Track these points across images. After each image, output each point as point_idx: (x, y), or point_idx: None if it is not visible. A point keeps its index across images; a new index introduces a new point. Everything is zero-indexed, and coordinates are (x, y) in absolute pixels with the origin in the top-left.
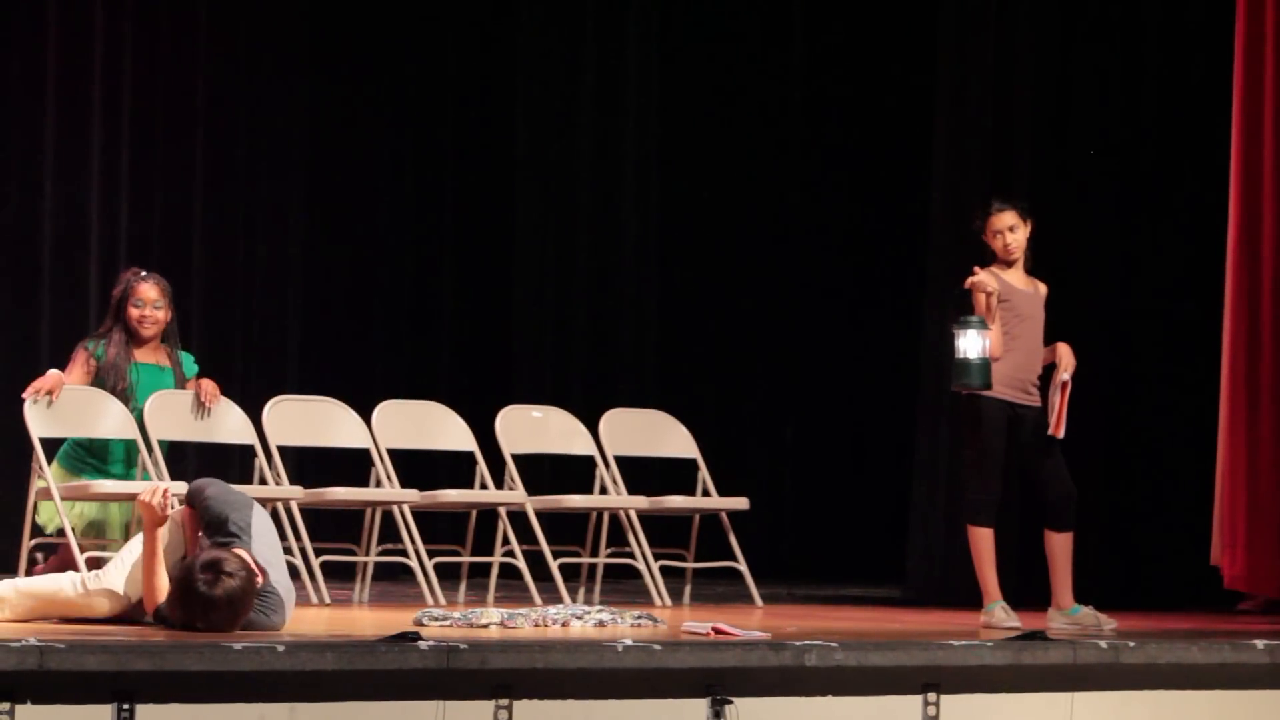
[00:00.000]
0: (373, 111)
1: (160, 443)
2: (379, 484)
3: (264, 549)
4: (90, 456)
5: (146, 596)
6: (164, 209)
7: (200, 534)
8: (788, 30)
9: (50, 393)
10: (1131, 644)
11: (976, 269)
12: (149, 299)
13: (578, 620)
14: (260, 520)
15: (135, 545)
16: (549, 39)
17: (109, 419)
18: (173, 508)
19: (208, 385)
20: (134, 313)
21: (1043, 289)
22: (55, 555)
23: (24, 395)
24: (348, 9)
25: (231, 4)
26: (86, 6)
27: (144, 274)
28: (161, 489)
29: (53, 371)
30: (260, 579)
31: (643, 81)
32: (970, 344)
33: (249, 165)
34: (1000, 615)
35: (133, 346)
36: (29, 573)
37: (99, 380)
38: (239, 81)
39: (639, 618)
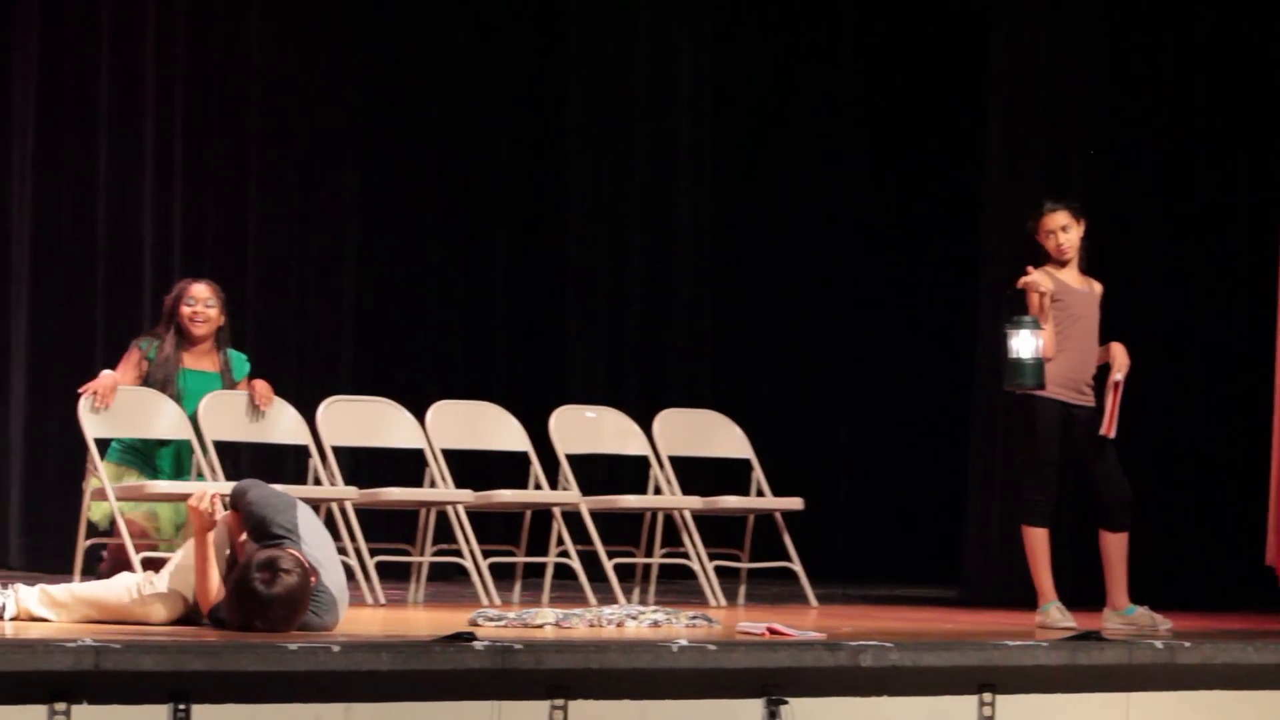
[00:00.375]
0: (425, 111)
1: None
2: (434, 484)
3: (315, 549)
4: (138, 453)
5: (201, 599)
6: (217, 210)
7: (245, 537)
8: (840, 27)
9: (103, 396)
10: (1187, 644)
11: (1030, 268)
12: (200, 296)
13: (632, 620)
14: (307, 520)
15: (187, 550)
16: (601, 35)
17: (163, 419)
18: (220, 512)
19: (261, 387)
20: (185, 310)
21: (1098, 288)
22: (109, 556)
23: (80, 390)
24: (400, 9)
25: (285, 8)
26: (139, 9)
27: (198, 279)
28: (210, 494)
29: (107, 372)
30: (315, 577)
31: (695, 78)
32: (1023, 344)
33: (302, 166)
34: (1055, 615)
35: (183, 350)
36: (94, 570)
37: (148, 381)
38: (292, 82)
39: (694, 618)
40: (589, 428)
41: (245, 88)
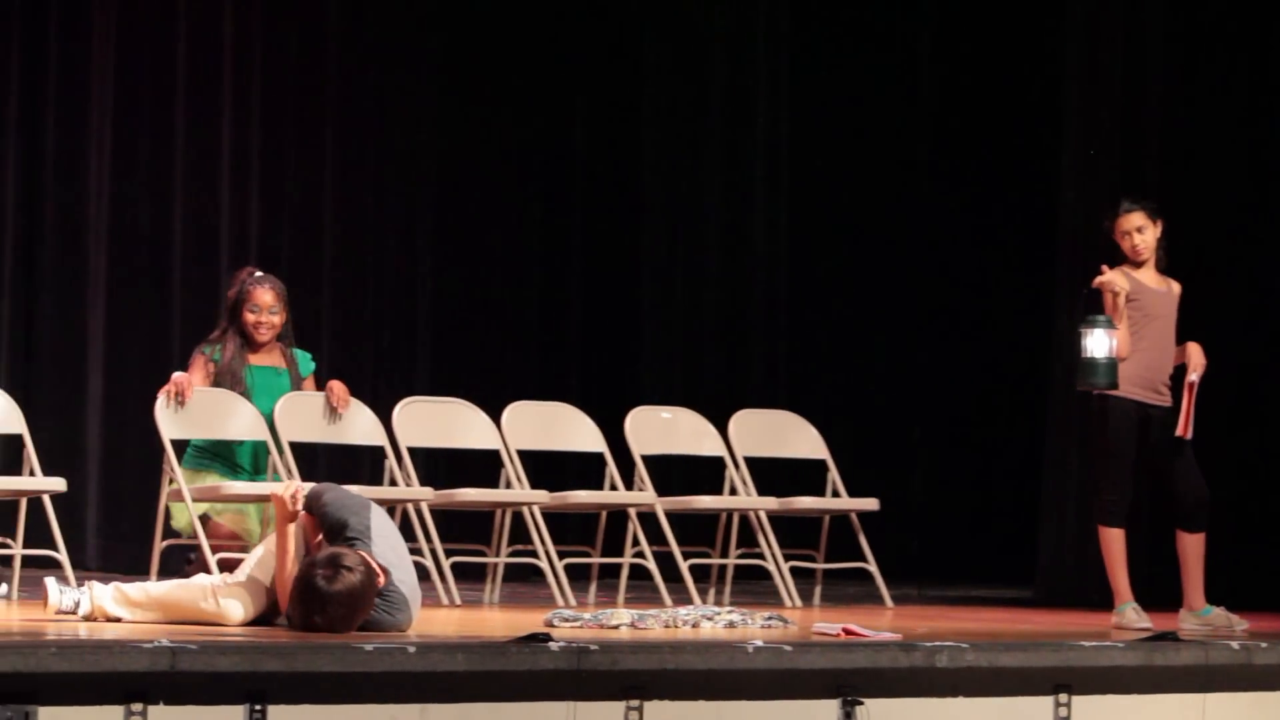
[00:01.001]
0: (501, 114)
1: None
2: (509, 485)
3: (386, 550)
4: (217, 458)
5: (280, 593)
6: (293, 212)
7: (320, 539)
8: (917, 32)
9: (181, 395)
10: (1263, 645)
11: (1105, 267)
12: (265, 304)
13: (708, 621)
14: (380, 521)
15: (263, 549)
16: (677, 45)
17: (239, 420)
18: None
19: (339, 388)
20: (250, 318)
21: (1176, 288)
22: (198, 562)
23: (163, 390)
24: (476, 14)
25: (360, 7)
26: (215, 11)
27: (259, 275)
28: (295, 486)
29: (180, 374)
30: (382, 579)
31: (772, 81)
32: (1096, 343)
33: (378, 167)
34: (1131, 616)
35: (248, 350)
36: (174, 573)
37: (217, 383)
38: (368, 84)
39: (769, 619)
40: (664, 428)
41: (321, 89)
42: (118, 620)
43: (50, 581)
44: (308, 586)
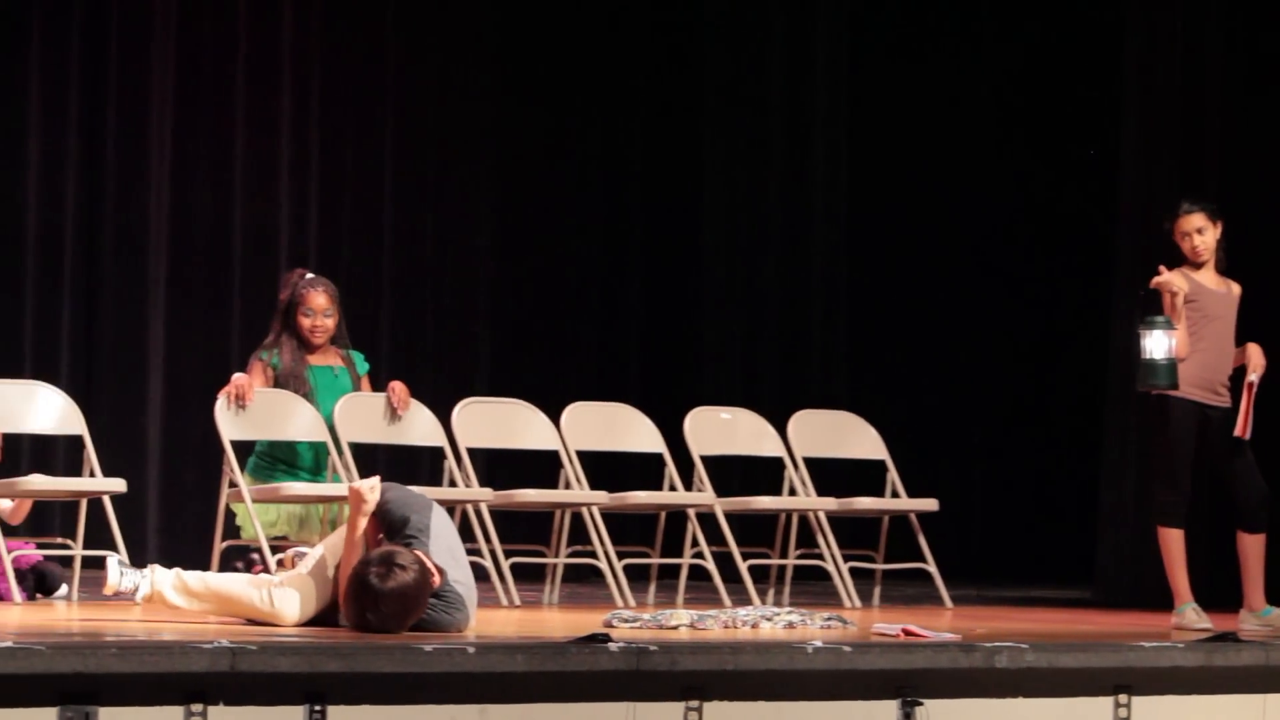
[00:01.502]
0: (560, 115)
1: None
2: (568, 486)
3: (442, 549)
4: (278, 462)
5: (342, 590)
6: (352, 214)
7: (381, 538)
8: (977, 30)
9: (241, 397)
10: None
11: (1162, 268)
12: (319, 308)
13: (767, 622)
14: (439, 520)
15: (318, 552)
16: (737, 43)
17: (299, 421)
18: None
19: (400, 389)
20: (305, 322)
21: (1236, 289)
22: (260, 562)
23: (224, 392)
24: (535, 16)
25: (418, 12)
26: (274, 17)
27: (310, 277)
28: (375, 481)
29: (241, 375)
30: (437, 578)
31: (831, 80)
32: (1155, 344)
33: (437, 170)
34: (1191, 617)
35: (305, 352)
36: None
37: (278, 388)
38: (427, 86)
39: (828, 619)
40: (724, 429)
41: (380, 93)
42: (174, 608)
43: (112, 562)
44: (361, 584)
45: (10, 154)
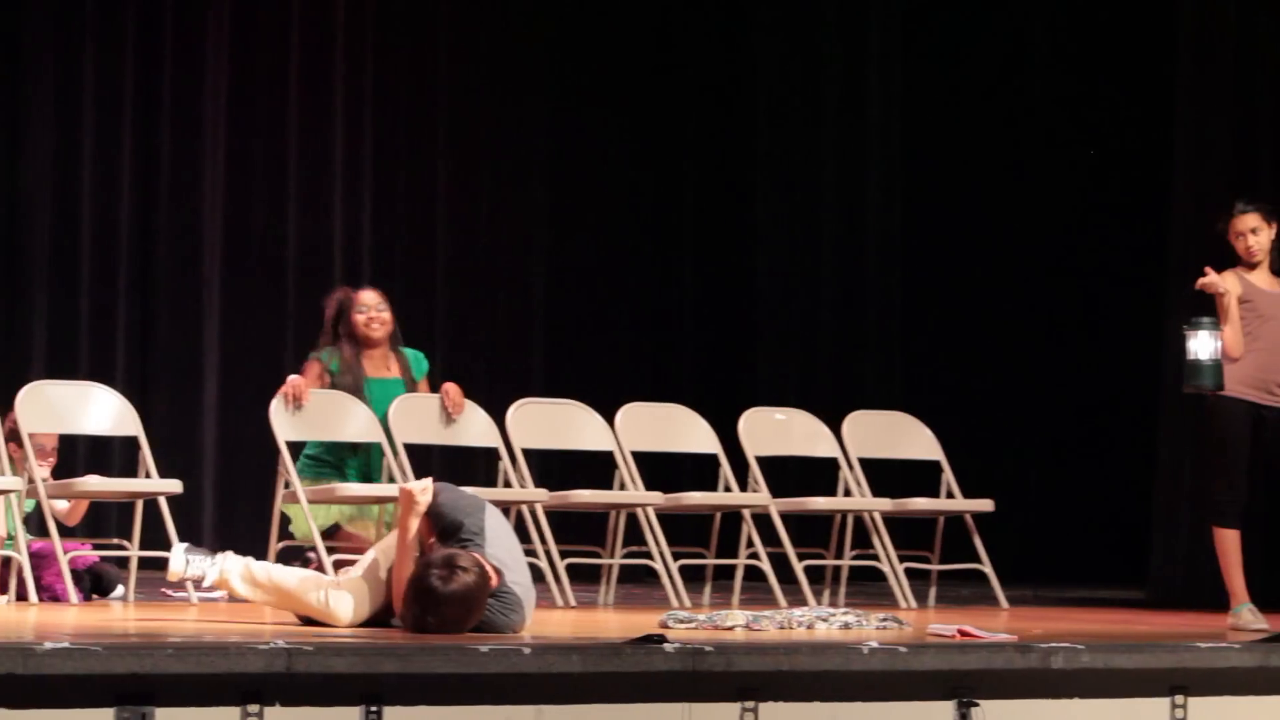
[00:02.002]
0: (613, 117)
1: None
2: (623, 487)
3: (499, 550)
4: (327, 467)
5: (396, 591)
6: (406, 216)
7: (434, 540)
8: (1029, 26)
9: (298, 398)
10: None
11: (1208, 270)
12: (371, 302)
13: (823, 622)
14: (495, 521)
15: (372, 554)
16: (790, 37)
17: (355, 422)
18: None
19: (454, 391)
20: (360, 318)
21: None
22: (315, 564)
23: (283, 391)
24: (586, 16)
25: (472, 18)
26: (328, 23)
27: (355, 288)
28: (427, 481)
29: (296, 377)
30: (495, 580)
31: (885, 77)
32: (1201, 345)
33: (490, 171)
34: (1248, 617)
35: (363, 360)
36: None
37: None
38: (479, 89)
39: (884, 620)
40: (778, 430)
41: (432, 93)
42: (239, 600)
43: (179, 548)
44: (422, 587)
45: (66, 159)
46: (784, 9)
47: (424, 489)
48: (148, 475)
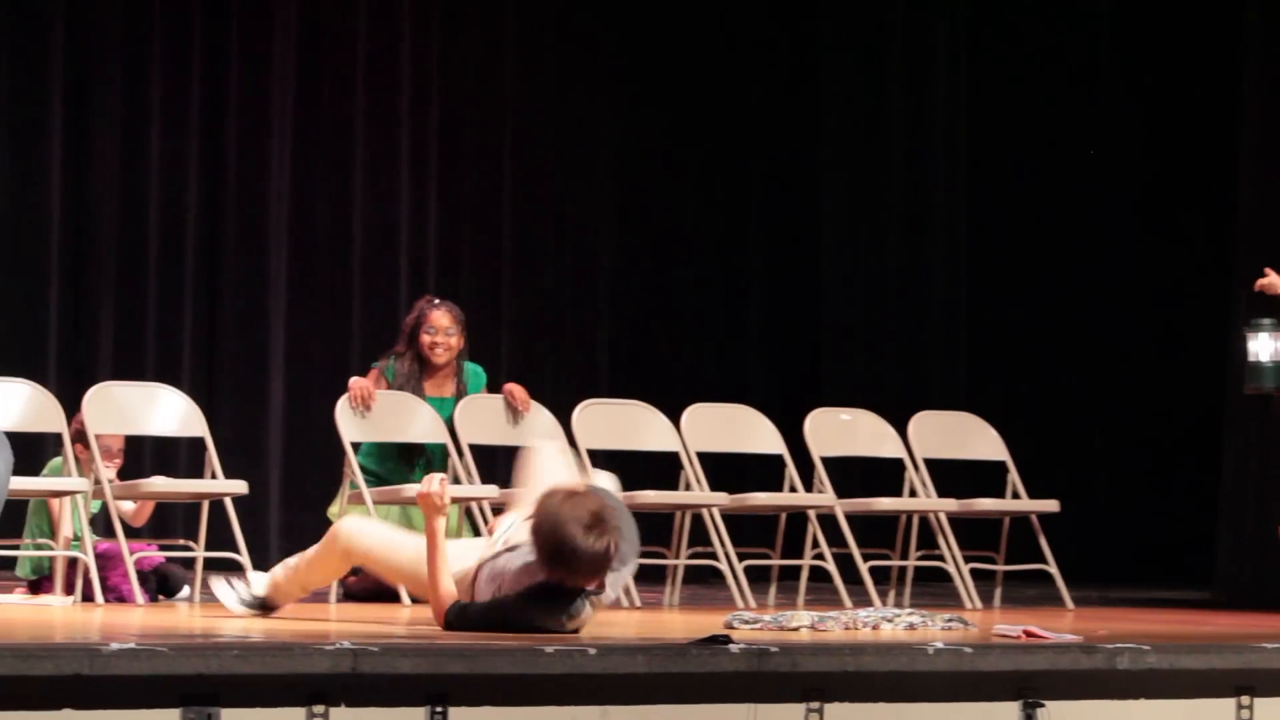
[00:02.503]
0: (679, 118)
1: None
2: (688, 487)
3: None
4: (379, 481)
5: (432, 599)
6: (472, 219)
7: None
8: (1097, 27)
9: (366, 400)
10: None
11: (1268, 270)
12: (441, 326)
13: (888, 623)
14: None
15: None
16: (854, 42)
17: (420, 423)
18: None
19: (519, 392)
20: (425, 339)
21: None
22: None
23: (351, 392)
24: (654, 19)
25: (539, 16)
26: (394, 15)
27: (436, 300)
28: (439, 478)
29: (362, 380)
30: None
31: (951, 80)
32: (1261, 346)
33: (557, 173)
34: None
35: (423, 378)
36: (346, 585)
37: None
38: (546, 91)
39: (949, 620)
40: (844, 430)
41: (499, 96)
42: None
43: (219, 587)
44: (566, 540)
45: (133, 160)
46: (850, 11)
47: (442, 491)
48: (213, 476)
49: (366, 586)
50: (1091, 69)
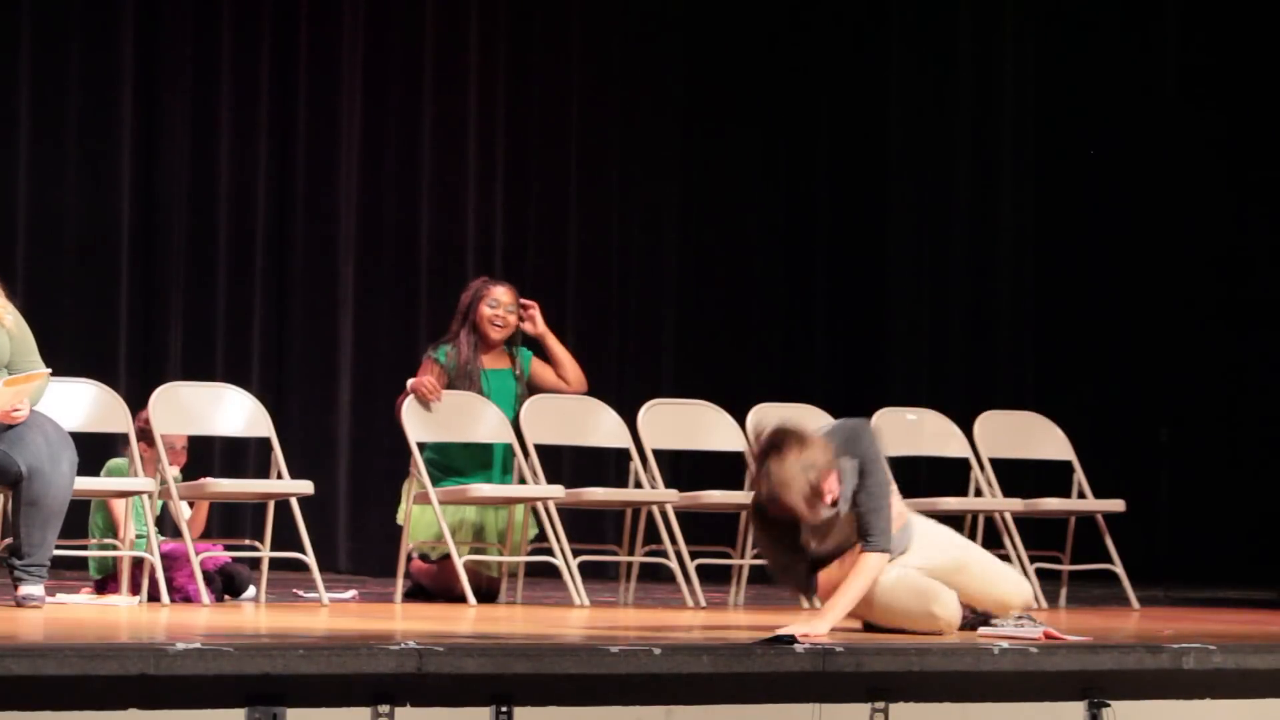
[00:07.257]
0: (745, 116)
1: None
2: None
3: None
4: (446, 474)
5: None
6: (538, 215)
7: None
8: (1161, 29)
9: (434, 391)
10: None
11: None
12: (503, 300)
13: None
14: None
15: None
16: (923, 40)
17: (485, 423)
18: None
19: (533, 309)
20: (486, 312)
21: None
22: (415, 575)
23: (411, 386)
24: (718, 20)
25: (605, 17)
26: (461, 22)
27: (496, 279)
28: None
29: (424, 379)
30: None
31: (1019, 78)
32: None
33: (622, 170)
34: None
35: (480, 352)
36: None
37: (450, 387)
38: (612, 85)
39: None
40: (909, 430)
41: (565, 91)
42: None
43: None
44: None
45: (202, 160)
46: (918, 6)
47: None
48: (279, 476)
49: (432, 577)
50: (1159, 65)
